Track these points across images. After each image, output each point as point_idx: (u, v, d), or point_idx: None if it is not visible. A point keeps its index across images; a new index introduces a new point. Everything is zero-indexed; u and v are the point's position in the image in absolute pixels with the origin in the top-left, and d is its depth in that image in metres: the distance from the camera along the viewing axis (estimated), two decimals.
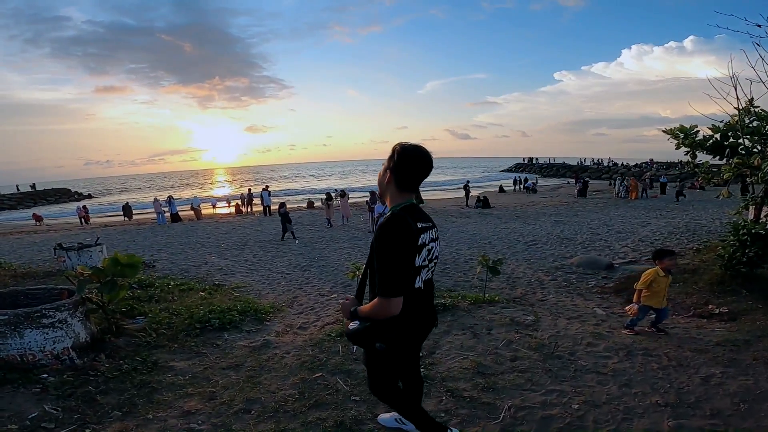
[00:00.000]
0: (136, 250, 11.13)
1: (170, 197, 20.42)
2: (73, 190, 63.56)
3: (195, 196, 24.53)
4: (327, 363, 3.37)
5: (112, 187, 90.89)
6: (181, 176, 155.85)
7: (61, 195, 56.10)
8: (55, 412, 2.68)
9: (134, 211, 24.60)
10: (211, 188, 72.76)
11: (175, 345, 3.88)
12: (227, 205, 23.85)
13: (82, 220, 23.57)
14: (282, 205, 13.64)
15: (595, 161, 52.54)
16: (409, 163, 1.63)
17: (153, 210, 19.93)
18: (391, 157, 1.65)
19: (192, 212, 20.87)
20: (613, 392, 2.77)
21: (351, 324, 1.77)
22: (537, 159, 64.79)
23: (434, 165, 1.69)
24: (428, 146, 1.69)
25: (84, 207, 25.71)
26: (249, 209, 22.48)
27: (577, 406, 2.60)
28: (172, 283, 6.43)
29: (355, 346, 3.70)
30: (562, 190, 29.56)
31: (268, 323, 4.73)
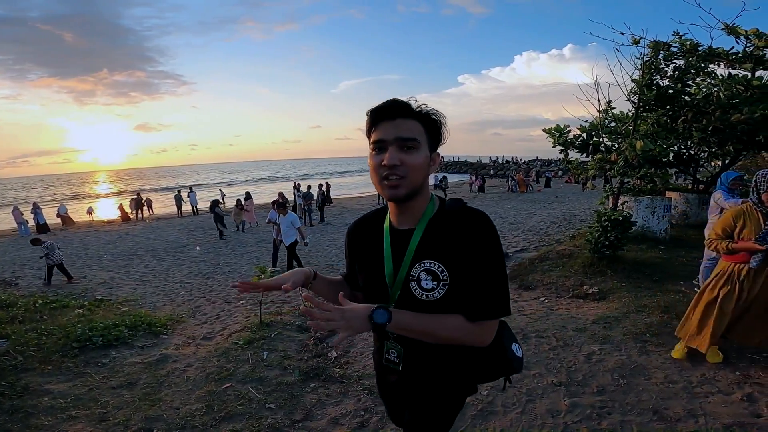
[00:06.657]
0: None
1: (35, 204, 17.47)
2: None
3: (62, 203, 21.54)
4: (236, 372, 3.17)
5: None
6: (52, 181, 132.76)
7: None
8: None
9: None
10: (89, 193, 63.18)
11: (49, 367, 3.37)
12: (120, 210, 20.99)
13: None
14: (215, 203, 13.07)
15: (492, 159, 57.33)
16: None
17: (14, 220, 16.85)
18: (433, 130, 1.13)
19: (59, 220, 18.34)
20: (515, 376, 2.99)
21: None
22: (443, 157, 68.55)
23: (345, 166, 1.17)
24: (341, 146, 1.08)
25: None
26: (139, 215, 20.15)
27: (486, 392, 2.74)
28: (40, 301, 5.50)
29: (267, 353, 3.51)
30: (464, 186, 31.62)
31: (165, 337, 4.29)
